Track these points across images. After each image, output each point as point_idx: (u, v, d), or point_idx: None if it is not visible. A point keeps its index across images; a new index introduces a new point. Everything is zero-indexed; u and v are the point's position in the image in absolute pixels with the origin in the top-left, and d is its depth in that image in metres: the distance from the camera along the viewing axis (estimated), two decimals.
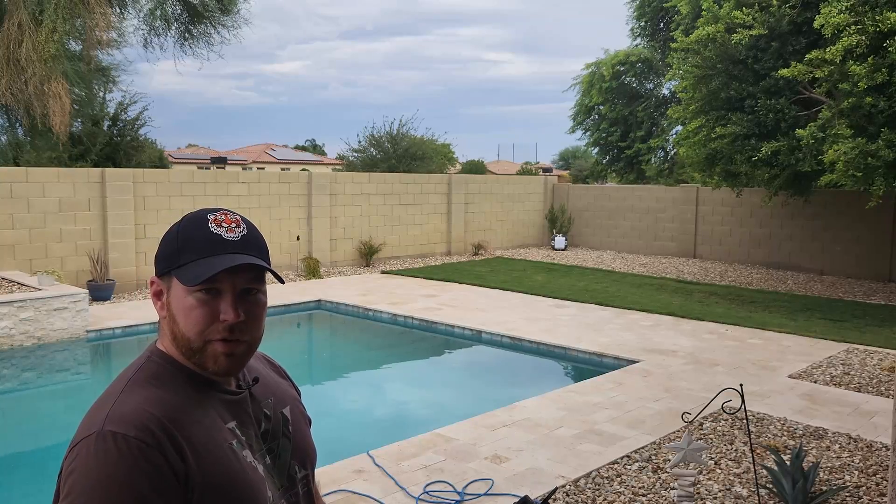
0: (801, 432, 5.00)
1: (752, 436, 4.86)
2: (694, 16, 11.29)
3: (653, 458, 4.49)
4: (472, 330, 8.38)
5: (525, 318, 8.85)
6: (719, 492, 4.01)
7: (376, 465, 4.27)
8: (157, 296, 1.19)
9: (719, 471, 4.30)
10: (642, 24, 17.69)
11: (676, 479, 3.55)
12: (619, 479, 4.18)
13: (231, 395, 1.21)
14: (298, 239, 12.56)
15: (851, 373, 6.58)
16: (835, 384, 6.24)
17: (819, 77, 8.80)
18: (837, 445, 4.76)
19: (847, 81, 8.37)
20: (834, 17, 8.29)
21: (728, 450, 4.63)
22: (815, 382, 6.28)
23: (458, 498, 3.89)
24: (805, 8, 9.57)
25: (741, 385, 3.74)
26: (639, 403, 5.60)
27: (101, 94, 13.78)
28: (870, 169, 8.32)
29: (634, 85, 19.99)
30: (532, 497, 1.33)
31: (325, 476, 4.05)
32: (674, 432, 4.94)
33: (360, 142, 20.74)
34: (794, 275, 13.04)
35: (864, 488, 4.09)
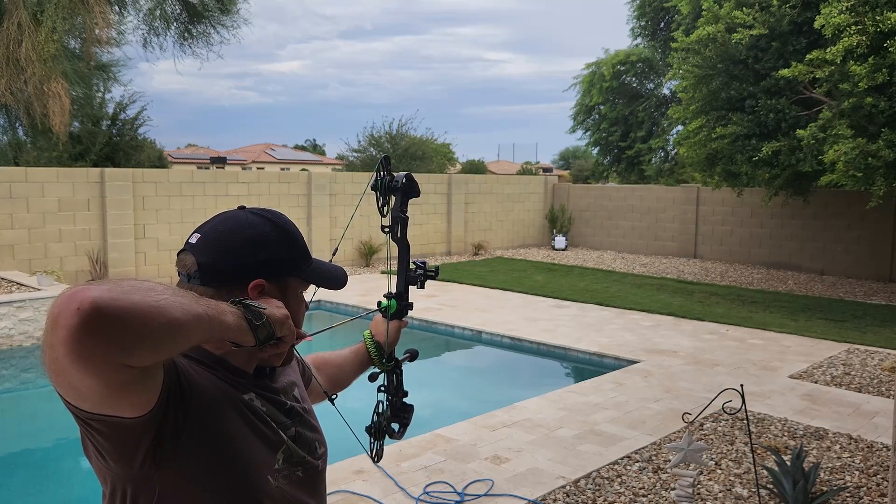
0: (801, 433, 4.99)
1: (753, 436, 4.85)
2: (694, 16, 11.28)
3: (653, 458, 4.48)
4: (472, 330, 8.37)
5: (525, 318, 8.84)
6: (720, 492, 4.00)
7: (376, 465, 4.26)
8: (260, 297, 1.16)
9: (720, 471, 4.29)
10: (643, 23, 17.70)
11: (677, 480, 3.54)
12: (619, 479, 4.17)
13: (255, 377, 1.22)
14: None
15: (852, 373, 6.57)
16: (835, 384, 6.23)
17: (819, 77, 8.79)
18: (838, 446, 4.75)
19: (847, 81, 8.36)
20: (834, 17, 8.28)
21: (729, 450, 4.63)
22: (815, 383, 6.27)
23: (458, 498, 3.88)
24: (805, 8, 9.56)
25: (742, 385, 3.73)
26: (639, 404, 5.59)
27: (100, 92, 13.77)
28: (870, 169, 8.31)
29: (635, 85, 19.99)
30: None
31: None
32: (674, 433, 4.93)
33: (359, 142, 20.76)
34: (794, 275, 13.03)
35: (864, 489, 4.08)
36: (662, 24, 17.26)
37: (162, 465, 1.02)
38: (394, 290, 1.66)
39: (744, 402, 3.51)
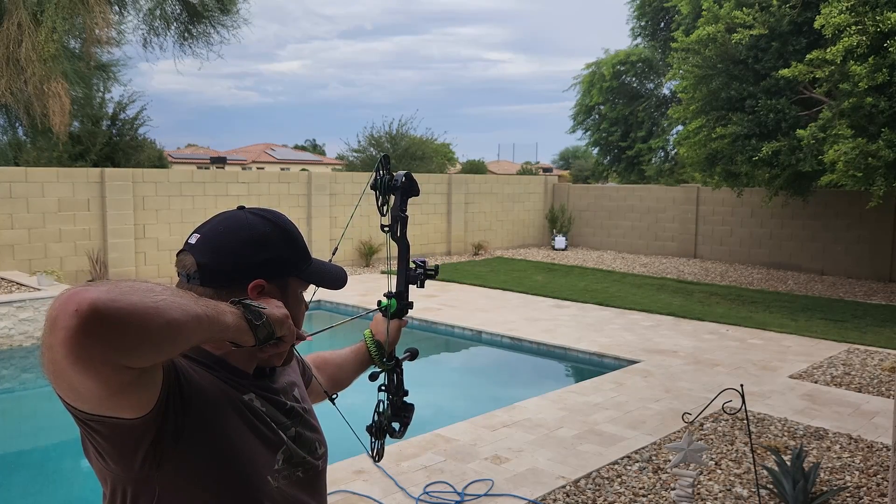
0: (801, 433, 4.99)
1: (753, 436, 4.85)
2: (694, 15, 11.28)
3: (653, 458, 4.48)
4: (472, 330, 8.37)
5: (525, 318, 8.84)
6: (720, 492, 4.00)
7: (376, 465, 4.26)
8: (259, 297, 1.15)
9: (720, 471, 4.29)
10: (643, 23, 17.69)
11: (677, 480, 3.54)
12: (619, 479, 4.17)
13: (254, 377, 1.22)
14: None
15: (852, 373, 6.57)
16: (835, 384, 6.23)
17: (819, 77, 8.79)
18: (838, 446, 4.75)
19: (847, 81, 8.36)
20: (834, 17, 8.28)
21: (729, 450, 4.63)
22: (815, 383, 6.27)
23: (458, 498, 3.88)
24: (805, 8, 9.56)
25: (742, 385, 3.73)
26: (639, 404, 5.59)
27: (100, 92, 13.77)
28: (870, 169, 8.31)
29: (635, 85, 19.98)
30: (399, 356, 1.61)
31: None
32: (674, 433, 4.93)
33: (359, 142, 20.76)
34: (794, 275, 13.03)
35: (864, 489, 4.08)
36: (662, 24, 17.25)
37: (162, 466, 1.02)
38: (394, 290, 1.66)
39: (744, 402, 3.51)
